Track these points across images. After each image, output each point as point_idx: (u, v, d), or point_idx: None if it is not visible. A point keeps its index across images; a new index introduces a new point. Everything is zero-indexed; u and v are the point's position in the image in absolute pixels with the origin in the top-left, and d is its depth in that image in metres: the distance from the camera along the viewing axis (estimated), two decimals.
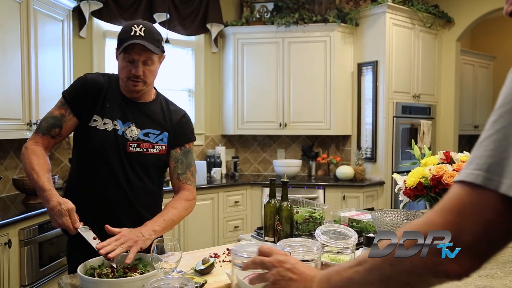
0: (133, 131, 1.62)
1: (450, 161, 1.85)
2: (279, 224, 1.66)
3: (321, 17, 4.19)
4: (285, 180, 1.70)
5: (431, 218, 0.60)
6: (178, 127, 1.72)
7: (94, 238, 1.37)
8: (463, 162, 1.77)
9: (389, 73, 4.12)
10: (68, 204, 1.37)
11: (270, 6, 4.37)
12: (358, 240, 1.37)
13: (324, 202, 3.96)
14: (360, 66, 4.31)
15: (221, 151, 4.35)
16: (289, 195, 1.71)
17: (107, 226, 1.38)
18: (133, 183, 1.61)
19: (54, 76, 3.26)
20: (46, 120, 1.59)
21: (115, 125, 1.60)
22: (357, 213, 1.93)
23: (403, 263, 0.62)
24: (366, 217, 1.85)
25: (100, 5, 3.61)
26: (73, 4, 3.45)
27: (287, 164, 4.36)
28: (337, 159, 4.42)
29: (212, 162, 4.25)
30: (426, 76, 4.50)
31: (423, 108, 4.44)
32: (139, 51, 1.53)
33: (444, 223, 0.58)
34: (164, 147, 1.67)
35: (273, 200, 1.71)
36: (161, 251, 1.18)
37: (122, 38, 1.54)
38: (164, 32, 4.02)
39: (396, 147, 4.17)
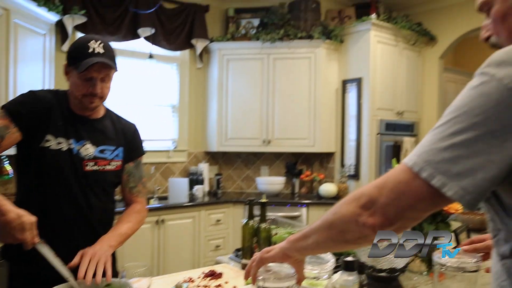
0: (89, 149, 1.58)
1: None
2: (256, 246, 1.64)
3: (306, 34, 4.20)
4: (263, 200, 1.68)
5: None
6: (131, 141, 1.72)
7: (55, 257, 1.28)
8: None
9: (373, 90, 4.14)
10: (31, 217, 1.25)
11: (256, 22, 4.37)
12: (337, 262, 1.35)
13: (307, 220, 3.95)
14: (344, 83, 4.33)
15: (204, 168, 4.30)
16: (271, 214, 1.71)
17: (71, 264, 1.31)
18: (92, 204, 1.58)
19: None
20: None
21: (69, 144, 1.54)
22: None
23: (339, 212, 0.81)
24: None
25: (84, 19, 3.56)
26: (55, 18, 3.39)
27: (270, 182, 4.32)
28: (321, 177, 4.41)
29: (195, 180, 4.20)
30: (410, 93, 4.53)
31: (407, 125, 4.46)
32: (99, 69, 1.49)
33: (374, 185, 0.75)
34: (120, 162, 1.66)
35: (251, 221, 1.69)
36: (129, 276, 1.16)
37: (79, 56, 1.49)
38: (148, 47, 4.00)
39: (380, 164, 4.17)
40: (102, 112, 1.68)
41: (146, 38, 3.95)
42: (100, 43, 1.50)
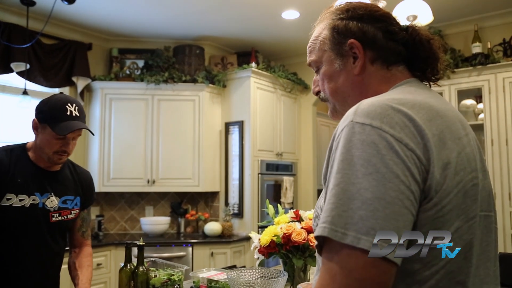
0: (53, 201, 1.68)
1: (299, 219, 1.93)
2: None
3: (190, 77, 4.35)
4: (141, 243, 1.67)
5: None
6: (87, 190, 1.85)
7: None
8: (311, 219, 1.80)
9: (254, 133, 4.39)
10: None
11: (141, 63, 4.41)
12: None
13: (193, 260, 3.95)
14: (227, 125, 4.53)
15: None
16: (156, 255, 1.72)
17: None
18: (54, 252, 1.71)
19: None
20: None
21: (33, 200, 1.62)
22: (216, 273, 1.96)
23: None
24: (224, 276, 1.87)
25: None
26: None
27: (155, 222, 4.26)
28: (206, 216, 4.47)
29: None
30: (288, 136, 4.89)
31: (286, 165, 4.78)
32: (75, 131, 1.62)
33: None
34: (78, 210, 1.79)
35: (128, 264, 1.67)
36: None
37: (56, 117, 1.58)
38: (22, 82, 3.78)
39: (262, 203, 4.37)
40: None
41: (20, 73, 3.73)
42: (75, 107, 1.63)
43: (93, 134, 1.76)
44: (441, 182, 0.70)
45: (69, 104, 1.61)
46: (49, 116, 1.60)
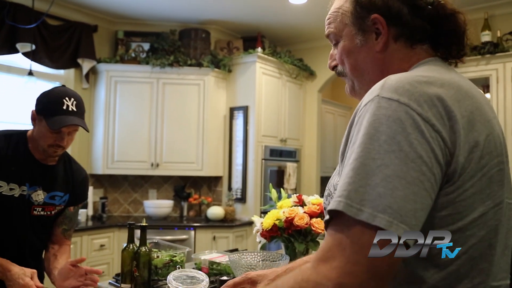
0: (39, 195, 1.66)
1: (302, 203, 1.95)
2: (136, 270, 1.64)
3: (195, 61, 4.35)
4: (143, 224, 1.69)
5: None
6: (78, 188, 1.81)
7: None
8: (314, 204, 1.88)
9: (259, 118, 4.40)
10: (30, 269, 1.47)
11: (146, 46, 4.41)
12: (212, 283, 1.43)
13: (195, 243, 4.01)
14: (232, 110, 4.54)
15: (89, 191, 4.13)
16: (158, 237, 1.74)
17: None
18: (34, 246, 1.70)
19: None
20: None
21: (22, 190, 1.62)
22: (218, 256, 1.99)
23: None
24: (225, 259, 1.90)
25: None
26: None
27: (158, 205, 4.32)
28: (209, 200, 4.52)
29: None
30: (293, 122, 4.91)
31: (290, 152, 4.80)
32: (70, 127, 1.59)
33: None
34: (62, 207, 1.77)
35: (131, 245, 1.69)
36: None
37: (52, 110, 1.55)
38: (27, 63, 3.79)
39: (265, 188, 4.41)
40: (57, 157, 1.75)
41: (25, 54, 3.74)
42: (73, 101, 1.59)
43: (87, 131, 1.65)
44: (465, 165, 0.69)
45: (67, 98, 1.58)
46: (46, 108, 1.58)
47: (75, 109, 1.58)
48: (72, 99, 1.59)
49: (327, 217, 0.68)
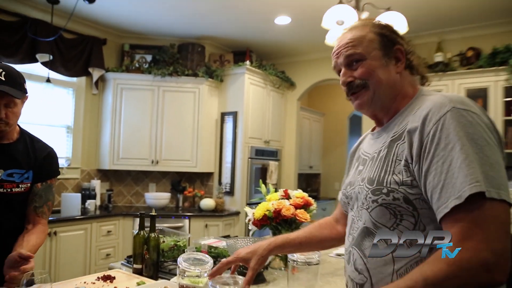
0: None
1: (288, 197, 2.11)
2: (146, 252, 1.75)
3: (192, 72, 4.86)
4: (153, 214, 1.83)
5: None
6: (42, 164, 1.73)
7: None
8: (298, 197, 2.05)
9: (246, 122, 4.95)
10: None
11: (149, 58, 4.91)
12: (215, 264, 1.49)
13: (189, 230, 4.48)
14: (223, 115, 5.09)
15: (96, 184, 4.65)
16: (157, 225, 1.87)
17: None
18: (4, 228, 1.62)
19: None
20: None
21: None
22: (215, 241, 2.16)
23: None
24: (222, 244, 2.08)
25: None
26: None
27: (157, 197, 4.79)
28: (201, 193, 5.05)
29: (87, 195, 4.52)
30: (275, 126, 5.49)
31: (272, 152, 5.39)
32: (0, 96, 1.52)
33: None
34: (28, 184, 1.69)
35: (142, 231, 1.81)
36: (30, 283, 1.16)
37: None
38: (46, 71, 4.24)
39: (250, 183, 4.99)
40: (16, 135, 1.71)
41: (44, 63, 4.16)
42: (1, 71, 1.52)
43: (16, 98, 1.55)
44: None
45: None
46: None
47: (3, 79, 1.51)
48: (1, 70, 1.52)
49: (454, 202, 0.79)
